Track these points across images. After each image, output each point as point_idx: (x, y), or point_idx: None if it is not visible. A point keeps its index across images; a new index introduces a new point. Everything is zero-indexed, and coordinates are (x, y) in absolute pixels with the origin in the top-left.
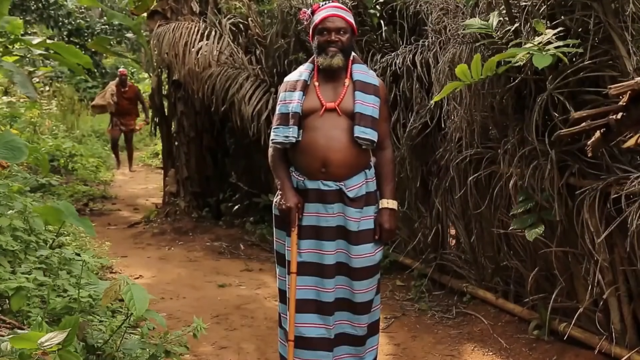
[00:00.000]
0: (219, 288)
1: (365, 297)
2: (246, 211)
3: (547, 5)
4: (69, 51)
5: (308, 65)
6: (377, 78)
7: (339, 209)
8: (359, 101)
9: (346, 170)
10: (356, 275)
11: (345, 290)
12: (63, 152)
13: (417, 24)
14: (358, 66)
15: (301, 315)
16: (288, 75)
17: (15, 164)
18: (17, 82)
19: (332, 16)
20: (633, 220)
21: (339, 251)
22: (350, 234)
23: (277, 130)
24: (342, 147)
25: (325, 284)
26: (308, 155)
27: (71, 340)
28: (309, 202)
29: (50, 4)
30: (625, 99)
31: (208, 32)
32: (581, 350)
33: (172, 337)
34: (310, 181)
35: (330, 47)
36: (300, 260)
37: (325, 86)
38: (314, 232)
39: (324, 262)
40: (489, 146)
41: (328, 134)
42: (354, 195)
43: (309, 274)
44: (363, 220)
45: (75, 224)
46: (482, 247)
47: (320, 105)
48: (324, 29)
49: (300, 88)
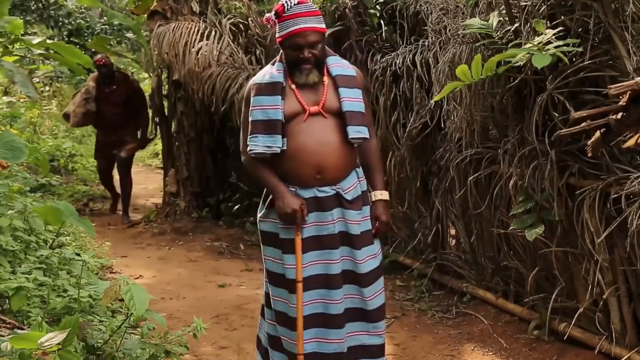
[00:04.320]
0: (219, 288)
1: (377, 301)
2: (246, 211)
3: (547, 5)
4: (69, 51)
5: (278, 64)
6: (352, 67)
7: (338, 214)
8: (345, 98)
9: (341, 172)
10: (365, 280)
11: (355, 299)
12: (63, 152)
13: (417, 24)
14: (333, 59)
15: (310, 330)
16: (255, 76)
17: (15, 164)
18: (17, 82)
19: (302, 31)
20: (633, 220)
21: (344, 259)
22: (353, 239)
23: (255, 140)
24: (335, 149)
25: (333, 295)
26: (298, 163)
27: (71, 340)
28: (307, 213)
29: (50, 4)
30: (625, 99)
31: (208, 32)
32: (581, 350)
33: (172, 337)
34: (304, 190)
35: (304, 65)
36: (305, 276)
37: (303, 88)
38: (316, 243)
39: (330, 272)
40: (489, 146)
41: (318, 137)
42: (352, 197)
43: (315, 288)
44: (363, 221)
45: (75, 224)
46: (482, 247)
47: (302, 110)
48: (294, 44)
49: (277, 92)
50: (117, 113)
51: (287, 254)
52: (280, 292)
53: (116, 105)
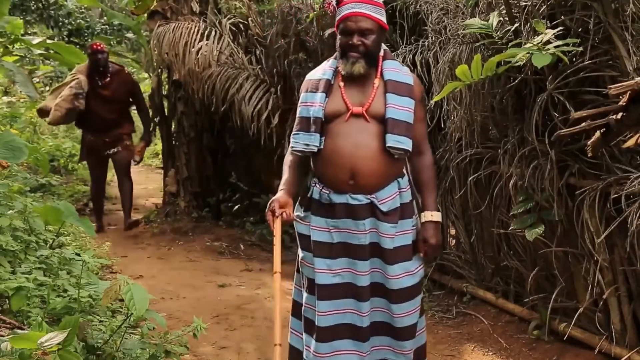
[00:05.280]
0: (219, 288)
1: (407, 320)
2: (246, 211)
3: (547, 5)
4: (69, 51)
5: (332, 61)
6: (411, 75)
7: (371, 225)
8: (391, 105)
9: (377, 181)
10: (395, 297)
11: (383, 313)
12: (63, 152)
13: (417, 24)
14: (390, 63)
15: (334, 342)
16: (310, 72)
17: (15, 164)
18: (18, 82)
19: (355, 15)
20: (633, 220)
21: (374, 271)
22: (385, 252)
23: (297, 137)
24: (372, 155)
25: (359, 307)
26: (333, 165)
27: (71, 340)
28: (337, 218)
29: (50, 4)
30: (625, 99)
31: (208, 32)
32: (581, 350)
33: (172, 337)
34: (337, 194)
35: (352, 52)
36: (335, 282)
37: (351, 87)
38: (346, 250)
39: (357, 283)
40: (488, 146)
41: (355, 140)
42: (388, 208)
43: (343, 297)
44: (398, 235)
45: (75, 224)
46: (482, 247)
47: (345, 109)
48: (345, 29)
49: (322, 89)
50: (110, 110)
51: (317, 257)
52: (310, 299)
53: (109, 101)
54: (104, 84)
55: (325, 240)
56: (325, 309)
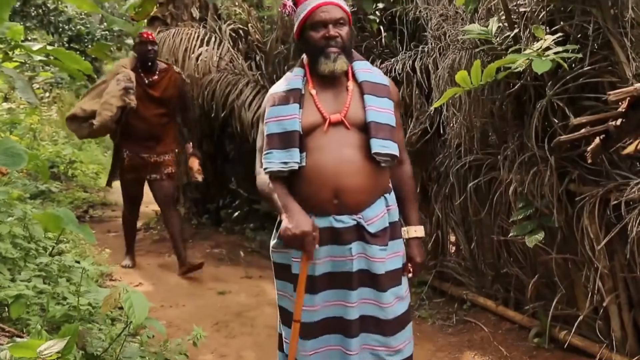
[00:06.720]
0: (219, 295)
1: (406, 353)
2: (246, 218)
3: (547, 11)
4: (69, 57)
5: (298, 70)
6: (384, 76)
7: (358, 249)
8: (371, 107)
9: (364, 198)
10: (391, 328)
11: (378, 351)
12: (63, 159)
13: (416, 30)
14: (360, 63)
15: None
16: (273, 86)
17: (15, 170)
18: (18, 88)
19: (325, 4)
20: (633, 227)
21: (365, 302)
22: (377, 278)
23: (269, 156)
24: (357, 169)
25: (347, 344)
26: (314, 184)
27: (71, 348)
28: (320, 245)
29: (50, 10)
30: (624, 105)
31: (208, 38)
32: (582, 358)
33: (172, 345)
34: (320, 217)
35: (330, 48)
36: (318, 319)
37: (324, 94)
38: (330, 281)
39: (346, 316)
40: (488, 152)
41: (337, 154)
42: (376, 229)
43: (328, 333)
44: (390, 259)
45: (75, 231)
46: (482, 254)
47: (322, 119)
48: (318, 22)
49: (294, 100)
50: (158, 115)
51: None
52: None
53: (159, 104)
54: (151, 82)
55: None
56: (310, 348)
